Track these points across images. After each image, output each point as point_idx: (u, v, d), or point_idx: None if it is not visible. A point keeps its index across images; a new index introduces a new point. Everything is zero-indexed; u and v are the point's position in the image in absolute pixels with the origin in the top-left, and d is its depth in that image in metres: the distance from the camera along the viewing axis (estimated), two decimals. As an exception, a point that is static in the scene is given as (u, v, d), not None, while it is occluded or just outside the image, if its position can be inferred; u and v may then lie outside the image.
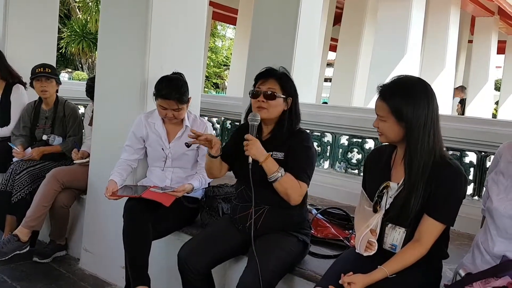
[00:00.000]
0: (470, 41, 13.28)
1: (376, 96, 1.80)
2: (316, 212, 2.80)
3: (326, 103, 11.21)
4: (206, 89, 25.46)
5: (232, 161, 2.28)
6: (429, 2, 8.89)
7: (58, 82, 3.69)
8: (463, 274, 1.70)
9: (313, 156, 2.18)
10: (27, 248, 3.18)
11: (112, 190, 2.53)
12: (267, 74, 2.18)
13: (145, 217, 2.46)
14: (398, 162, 1.84)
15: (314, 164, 2.18)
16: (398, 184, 1.80)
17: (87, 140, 3.53)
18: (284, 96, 2.16)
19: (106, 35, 3.21)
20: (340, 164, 4.02)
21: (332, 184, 3.90)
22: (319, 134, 4.07)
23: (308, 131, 2.31)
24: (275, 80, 2.16)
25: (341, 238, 2.56)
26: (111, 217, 2.89)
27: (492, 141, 3.07)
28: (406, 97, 1.71)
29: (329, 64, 14.30)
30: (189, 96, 2.67)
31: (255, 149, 2.00)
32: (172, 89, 2.56)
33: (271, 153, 2.09)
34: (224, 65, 28.47)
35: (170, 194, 2.54)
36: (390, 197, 1.80)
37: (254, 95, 2.16)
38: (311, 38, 4.17)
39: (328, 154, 4.06)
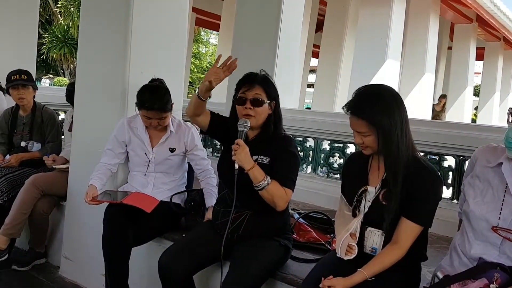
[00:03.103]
0: (450, 48, 13.54)
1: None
2: (298, 216, 2.81)
3: (309, 108, 11.28)
4: (190, 95, 25.36)
5: (215, 129, 2.29)
6: (409, 9, 9.04)
7: (35, 88, 3.64)
8: (441, 276, 1.73)
9: (298, 162, 2.19)
10: (6, 256, 3.14)
11: (92, 195, 2.50)
12: (251, 80, 2.14)
13: (125, 224, 2.43)
14: (375, 166, 1.86)
15: (298, 169, 2.19)
16: (375, 188, 1.82)
17: (66, 146, 3.49)
18: (269, 101, 2.15)
19: (86, 40, 3.19)
20: (322, 169, 4.05)
21: (314, 188, 3.92)
22: (301, 139, 4.10)
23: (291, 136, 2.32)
24: (260, 86, 2.13)
25: (323, 242, 2.58)
26: (91, 224, 2.85)
27: (470, 145, 3.12)
28: (381, 108, 1.72)
29: (312, 70, 14.40)
30: (172, 103, 2.67)
31: (243, 155, 1.99)
32: (155, 99, 2.54)
33: (257, 157, 2.09)
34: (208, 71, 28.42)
35: (152, 200, 2.53)
36: (369, 201, 1.82)
37: (239, 101, 2.13)
38: (292, 45, 4.20)
39: (310, 159, 4.08)
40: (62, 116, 4.66)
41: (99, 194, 2.54)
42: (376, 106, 1.72)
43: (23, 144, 3.55)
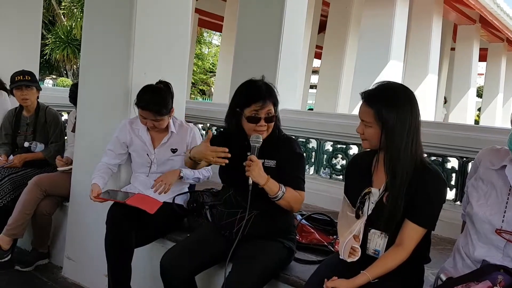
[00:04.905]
0: (453, 49, 13.51)
1: (360, 102, 1.82)
2: (300, 218, 2.81)
3: (311, 109, 11.27)
4: (192, 96, 25.42)
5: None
6: (412, 10, 9.02)
7: (38, 89, 3.65)
8: (444, 278, 1.72)
9: (304, 162, 2.25)
10: (9, 257, 3.14)
11: (97, 192, 2.50)
12: (261, 97, 2.09)
13: (128, 225, 2.44)
14: (379, 168, 1.86)
15: (305, 169, 2.22)
16: (379, 190, 1.81)
17: (69, 147, 3.50)
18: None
19: (89, 42, 3.19)
20: (325, 170, 4.04)
21: (317, 190, 3.91)
22: (304, 140, 4.09)
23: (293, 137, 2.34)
24: (269, 101, 2.12)
25: (326, 243, 2.58)
26: (94, 224, 2.86)
27: (474, 147, 3.12)
28: (391, 103, 1.73)
29: (315, 71, 14.37)
30: (171, 108, 2.65)
31: (257, 171, 1.99)
32: (151, 100, 2.55)
33: (263, 161, 2.10)
34: (210, 72, 28.45)
35: (155, 201, 2.53)
36: (372, 203, 1.81)
37: (252, 120, 2.10)
38: (295, 46, 4.20)
39: (313, 160, 4.08)
40: (65, 116, 4.67)
41: (102, 193, 2.54)
42: (388, 101, 1.74)
43: (26, 144, 3.56)
